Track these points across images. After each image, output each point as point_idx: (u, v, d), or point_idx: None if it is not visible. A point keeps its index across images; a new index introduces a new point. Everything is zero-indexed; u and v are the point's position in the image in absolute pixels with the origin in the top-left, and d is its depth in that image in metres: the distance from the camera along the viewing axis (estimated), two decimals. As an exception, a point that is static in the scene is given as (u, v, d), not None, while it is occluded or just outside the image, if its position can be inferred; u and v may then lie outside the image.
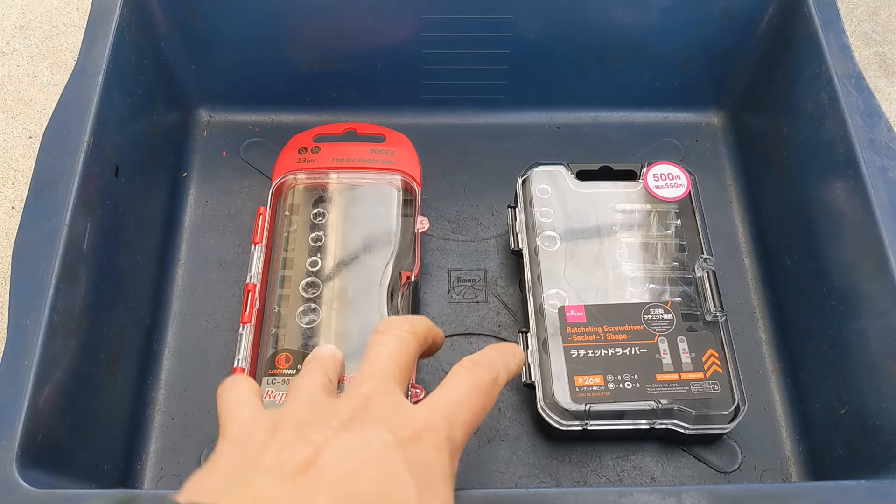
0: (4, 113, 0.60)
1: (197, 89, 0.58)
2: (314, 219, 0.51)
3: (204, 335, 0.50)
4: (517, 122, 0.59)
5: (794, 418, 0.47)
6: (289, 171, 0.53)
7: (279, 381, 0.45)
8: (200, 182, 0.56)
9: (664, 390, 0.44)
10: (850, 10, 0.66)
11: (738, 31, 0.54)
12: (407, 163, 0.53)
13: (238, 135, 0.58)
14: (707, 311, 0.47)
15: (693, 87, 0.58)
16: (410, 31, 0.54)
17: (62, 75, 0.62)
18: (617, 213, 0.51)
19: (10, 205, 0.56)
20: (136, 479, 0.45)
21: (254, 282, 0.48)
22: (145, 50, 0.51)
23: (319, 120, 0.58)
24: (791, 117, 0.51)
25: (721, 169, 0.57)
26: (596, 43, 0.55)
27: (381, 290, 0.48)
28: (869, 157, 0.43)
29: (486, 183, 0.56)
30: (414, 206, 0.52)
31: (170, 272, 0.52)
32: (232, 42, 0.55)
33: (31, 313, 0.38)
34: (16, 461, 0.34)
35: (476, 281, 0.52)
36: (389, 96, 0.58)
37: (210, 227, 0.54)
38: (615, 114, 0.59)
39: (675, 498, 0.33)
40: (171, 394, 0.48)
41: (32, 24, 0.65)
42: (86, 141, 0.43)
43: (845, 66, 0.47)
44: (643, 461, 0.46)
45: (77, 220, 0.41)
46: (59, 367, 0.39)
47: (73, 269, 0.40)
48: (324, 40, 0.55)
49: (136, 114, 0.50)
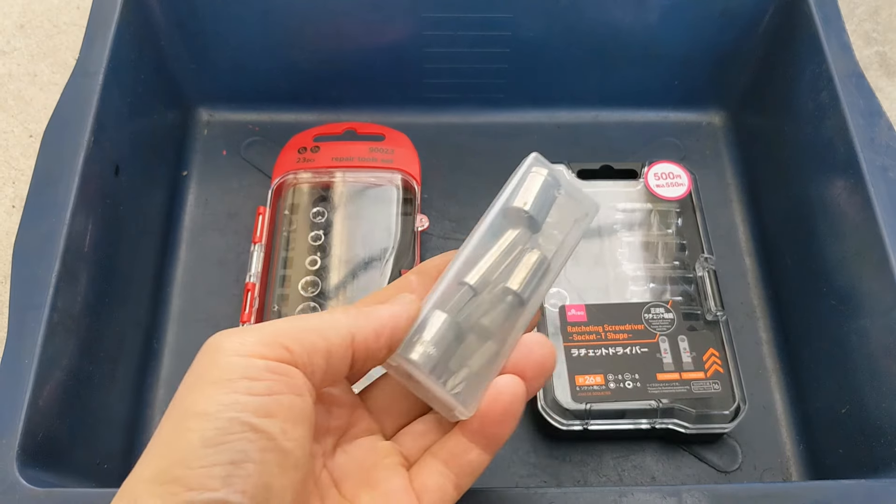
0: (4, 112, 0.60)
1: (197, 89, 0.58)
2: (314, 218, 0.51)
3: (204, 334, 0.49)
4: (517, 121, 0.59)
5: (794, 418, 0.47)
6: (289, 170, 0.53)
7: (279, 381, 0.45)
8: (200, 181, 0.56)
9: (665, 390, 0.44)
10: (850, 10, 0.66)
11: (738, 31, 0.54)
12: (406, 161, 0.53)
13: (238, 134, 0.58)
14: (708, 310, 0.47)
15: (693, 87, 0.58)
16: (410, 31, 0.54)
17: (63, 74, 0.62)
18: (618, 212, 0.51)
19: (11, 204, 0.56)
20: (136, 478, 0.45)
21: (253, 281, 0.48)
22: (145, 49, 0.51)
23: (319, 119, 0.58)
24: (791, 116, 0.51)
25: (722, 168, 0.57)
26: (596, 42, 0.55)
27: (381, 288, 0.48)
28: (869, 156, 0.43)
29: (486, 182, 0.56)
30: (414, 205, 0.52)
31: (170, 271, 0.52)
32: (232, 42, 0.55)
33: (31, 312, 0.38)
34: (16, 460, 0.34)
35: (476, 280, 0.52)
36: (389, 96, 0.58)
37: (210, 227, 0.54)
38: (616, 113, 0.59)
39: (676, 497, 0.33)
40: (170, 393, 0.48)
41: (33, 22, 0.65)
42: (86, 140, 0.43)
43: (846, 66, 0.47)
44: (643, 461, 0.46)
45: (77, 219, 0.41)
46: (59, 366, 0.39)
47: (73, 268, 0.40)
48: (324, 40, 0.55)
49: (136, 113, 0.50)
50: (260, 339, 0.24)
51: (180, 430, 0.23)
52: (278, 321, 0.25)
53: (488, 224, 0.31)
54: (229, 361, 0.23)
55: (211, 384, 0.23)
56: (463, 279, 0.29)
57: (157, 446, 0.23)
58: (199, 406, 0.23)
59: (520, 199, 0.31)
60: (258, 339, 0.24)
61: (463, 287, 0.29)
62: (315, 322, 0.25)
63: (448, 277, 0.29)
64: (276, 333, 0.24)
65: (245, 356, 0.24)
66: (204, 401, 0.23)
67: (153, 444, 0.23)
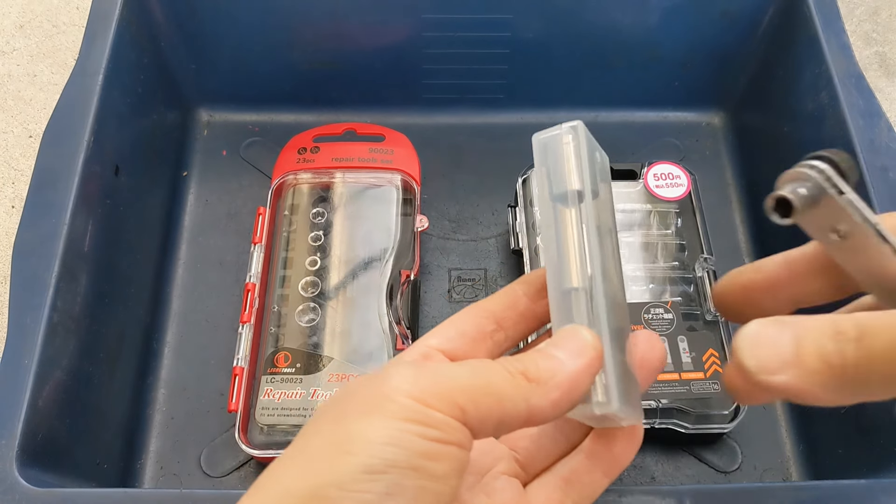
0: (4, 112, 0.60)
1: (197, 89, 0.58)
2: (314, 218, 0.51)
3: (204, 334, 0.50)
4: (517, 121, 0.59)
5: (794, 418, 0.47)
6: (288, 170, 0.53)
7: (278, 380, 0.45)
8: (200, 181, 0.56)
9: (664, 390, 0.44)
10: (850, 10, 0.66)
11: (738, 32, 0.54)
12: (406, 162, 0.53)
13: (238, 134, 0.58)
14: (707, 310, 0.47)
15: (693, 87, 0.58)
16: (410, 31, 0.54)
17: (62, 74, 0.62)
18: (617, 212, 0.51)
19: (10, 204, 0.56)
20: (136, 478, 0.45)
21: (253, 281, 0.48)
22: (145, 49, 0.51)
23: (319, 119, 0.58)
24: (791, 117, 0.51)
25: (721, 168, 0.57)
26: (596, 43, 0.55)
27: (381, 288, 0.48)
28: (869, 157, 0.43)
29: (486, 183, 0.56)
30: (413, 205, 0.52)
31: (170, 271, 0.52)
32: (232, 42, 0.55)
33: (31, 312, 0.38)
34: (16, 460, 0.34)
35: (476, 280, 0.52)
36: (389, 96, 0.58)
37: (210, 227, 0.54)
38: (615, 113, 0.59)
39: (675, 498, 0.33)
40: (170, 393, 0.48)
41: (33, 23, 0.65)
42: (86, 140, 0.43)
43: (845, 66, 0.47)
44: (643, 461, 0.46)
45: (77, 219, 0.41)
46: (58, 366, 0.39)
47: (73, 268, 0.40)
48: (324, 40, 0.55)
49: (136, 113, 0.50)
50: (436, 391, 0.24)
51: (342, 452, 0.22)
52: (455, 369, 0.24)
53: (553, 218, 0.27)
54: (404, 403, 0.23)
55: (383, 417, 0.23)
56: (568, 286, 0.26)
57: (310, 461, 0.23)
58: (368, 434, 0.23)
59: (569, 179, 0.26)
60: (435, 391, 0.23)
61: (578, 292, 0.26)
62: (493, 382, 0.24)
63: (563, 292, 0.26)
64: (453, 389, 0.24)
65: (420, 402, 0.23)
66: (373, 431, 0.23)
67: (302, 455, 0.23)
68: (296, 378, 0.45)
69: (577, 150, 0.26)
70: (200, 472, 0.46)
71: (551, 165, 0.27)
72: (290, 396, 0.44)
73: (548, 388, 0.24)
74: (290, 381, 0.45)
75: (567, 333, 0.26)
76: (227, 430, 0.46)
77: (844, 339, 0.22)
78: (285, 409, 0.44)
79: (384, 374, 0.24)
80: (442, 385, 0.24)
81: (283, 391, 0.45)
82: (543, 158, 0.27)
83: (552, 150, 0.27)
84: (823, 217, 0.25)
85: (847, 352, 0.22)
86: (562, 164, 0.26)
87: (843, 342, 0.22)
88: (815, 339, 0.22)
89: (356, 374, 0.45)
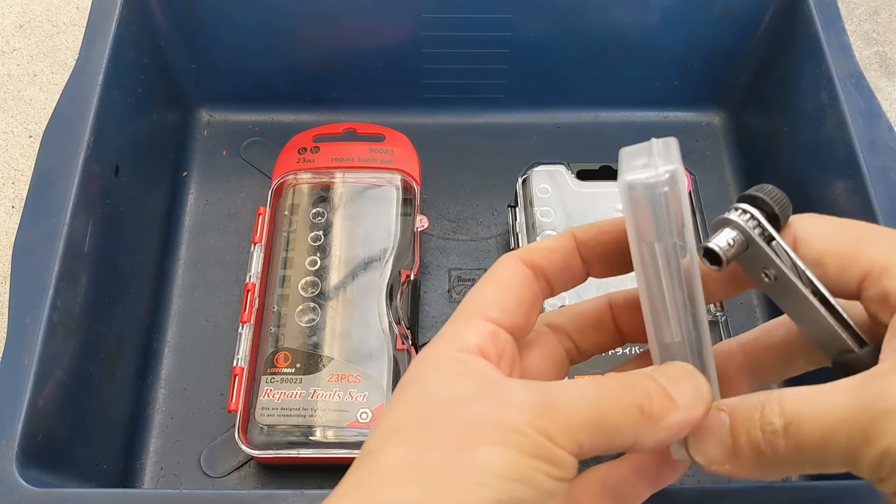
0: (4, 112, 0.60)
1: (197, 89, 0.58)
2: (314, 218, 0.51)
3: (204, 334, 0.50)
4: (517, 121, 0.59)
5: (794, 418, 0.47)
6: (288, 170, 0.53)
7: (278, 380, 0.45)
8: (200, 181, 0.56)
9: (664, 390, 0.44)
10: (850, 10, 0.66)
11: (738, 31, 0.54)
12: (406, 162, 0.53)
13: (238, 134, 0.58)
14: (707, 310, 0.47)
15: (693, 87, 0.58)
16: (410, 31, 0.54)
17: (62, 74, 0.62)
18: (617, 212, 0.51)
19: (10, 204, 0.56)
20: (136, 478, 0.45)
21: (253, 281, 0.48)
22: (145, 49, 0.51)
23: (319, 119, 0.58)
24: (791, 117, 0.51)
25: (721, 168, 0.57)
26: (596, 42, 0.55)
27: (381, 288, 0.48)
28: (869, 157, 0.43)
29: (486, 183, 0.56)
30: (413, 205, 0.52)
31: (170, 271, 0.52)
32: (232, 42, 0.55)
33: (31, 312, 0.38)
34: (15, 460, 0.34)
35: (476, 280, 0.52)
36: (389, 96, 0.58)
37: (210, 227, 0.54)
38: (615, 113, 0.59)
39: (675, 498, 0.33)
40: (170, 393, 0.48)
41: (33, 23, 0.65)
42: (86, 140, 0.43)
43: (846, 66, 0.47)
44: (643, 461, 0.46)
45: (77, 219, 0.41)
46: (59, 366, 0.39)
47: (73, 268, 0.40)
48: (324, 40, 0.55)
49: (136, 113, 0.50)
50: (561, 426, 0.23)
51: (472, 482, 0.22)
52: (575, 399, 0.24)
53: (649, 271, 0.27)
54: (532, 437, 0.23)
55: (511, 450, 0.22)
56: (665, 340, 0.26)
57: (434, 484, 0.22)
58: (498, 467, 0.22)
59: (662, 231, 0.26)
60: (559, 425, 0.23)
61: (675, 343, 0.26)
62: (609, 416, 0.24)
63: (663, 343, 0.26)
64: (575, 426, 0.23)
65: (547, 438, 0.23)
66: (503, 464, 0.22)
67: (422, 473, 0.23)
68: (296, 378, 0.45)
69: (681, 197, 0.26)
70: (200, 473, 0.46)
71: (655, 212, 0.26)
72: (290, 396, 0.44)
73: (658, 427, 0.24)
74: (290, 382, 0.45)
75: (684, 375, 0.25)
76: (227, 430, 0.46)
77: (771, 430, 0.23)
78: (285, 409, 0.44)
79: (500, 391, 0.24)
80: (566, 419, 0.23)
81: (283, 391, 0.45)
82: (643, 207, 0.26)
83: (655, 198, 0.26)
84: (755, 260, 0.26)
85: (776, 442, 0.23)
86: (667, 213, 0.26)
87: (770, 433, 0.23)
88: (746, 430, 0.24)
89: (356, 375, 0.45)
